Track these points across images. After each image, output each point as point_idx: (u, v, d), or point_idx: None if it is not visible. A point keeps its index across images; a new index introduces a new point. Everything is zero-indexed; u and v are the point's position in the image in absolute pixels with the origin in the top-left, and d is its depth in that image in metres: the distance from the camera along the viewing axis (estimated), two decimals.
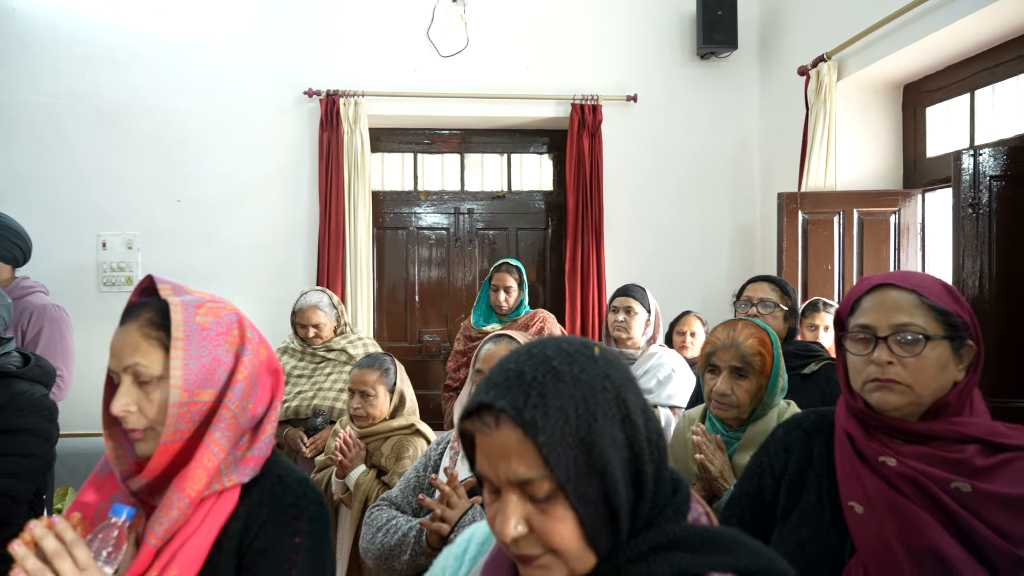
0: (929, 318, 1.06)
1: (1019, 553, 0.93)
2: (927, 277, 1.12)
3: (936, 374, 1.05)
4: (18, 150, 3.75)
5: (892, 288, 1.10)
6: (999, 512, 0.97)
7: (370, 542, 1.49)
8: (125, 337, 0.92)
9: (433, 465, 1.58)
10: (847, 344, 1.13)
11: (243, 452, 0.95)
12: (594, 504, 0.65)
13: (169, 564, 0.87)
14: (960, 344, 1.07)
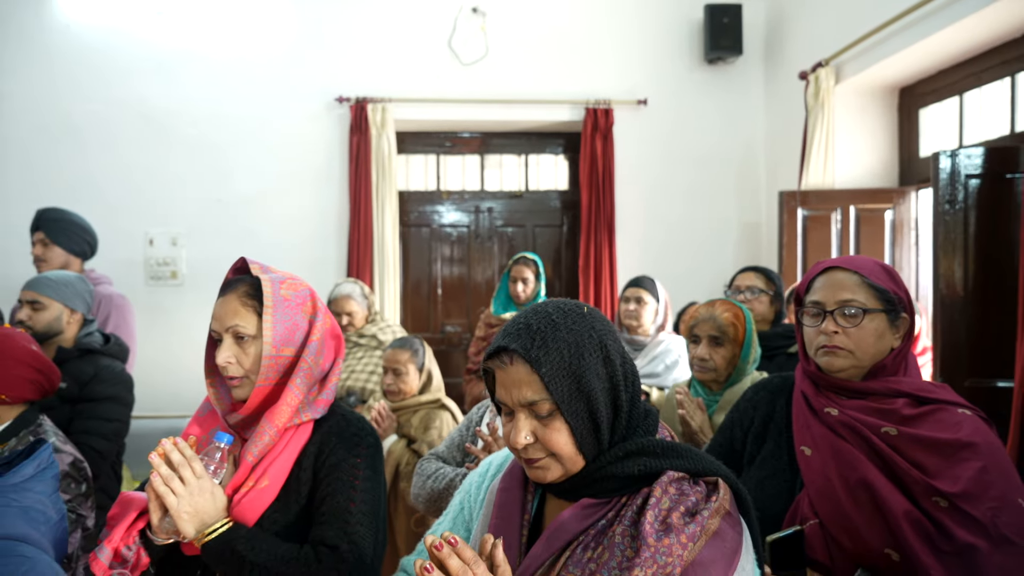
0: (868, 295, 1.29)
1: (930, 482, 1.16)
2: (869, 260, 1.35)
3: (874, 341, 1.29)
4: (76, 154, 4.07)
5: (839, 270, 1.33)
6: (917, 450, 1.20)
7: (420, 488, 1.76)
8: (227, 305, 1.19)
9: (475, 424, 1.84)
10: (803, 318, 1.37)
11: (315, 396, 1.21)
12: (582, 420, 0.90)
13: (262, 476, 1.14)
14: (896, 317, 1.31)
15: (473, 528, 1.05)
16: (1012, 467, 1.21)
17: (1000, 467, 1.18)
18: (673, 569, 0.82)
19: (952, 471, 1.16)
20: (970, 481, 1.14)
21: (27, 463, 1.16)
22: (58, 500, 1.18)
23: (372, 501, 1.16)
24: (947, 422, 1.22)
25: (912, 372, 1.34)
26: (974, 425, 1.22)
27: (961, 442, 1.19)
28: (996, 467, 1.17)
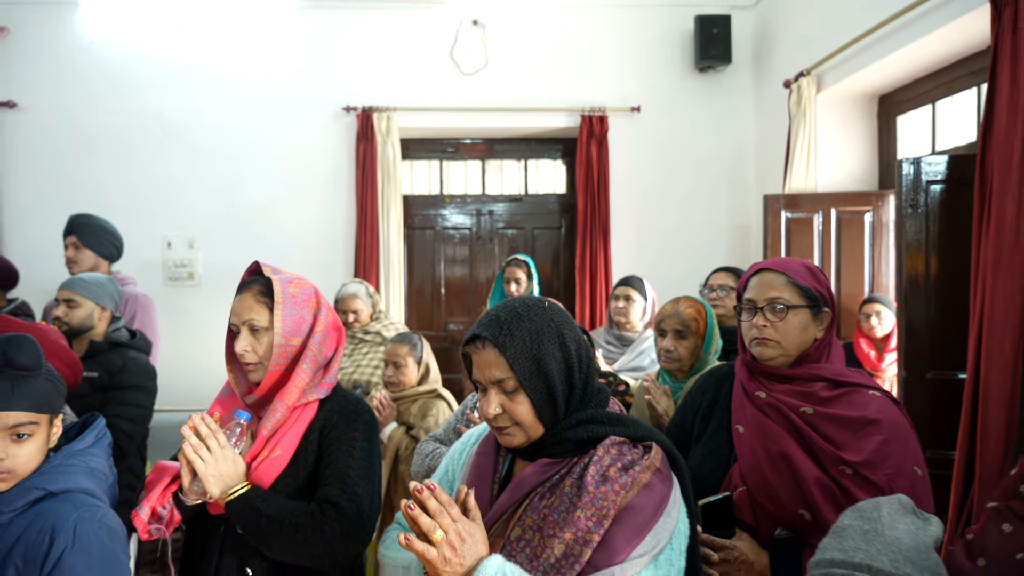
0: (793, 292, 1.49)
1: (838, 453, 1.36)
2: (796, 262, 1.55)
3: (798, 333, 1.48)
4: (98, 162, 4.32)
5: (769, 271, 1.53)
6: (830, 426, 1.40)
7: (419, 466, 1.98)
8: (243, 302, 1.41)
9: (469, 409, 2.06)
10: (740, 313, 1.57)
11: (320, 379, 1.43)
12: (541, 395, 1.10)
13: (275, 447, 1.36)
14: (818, 311, 1.50)
15: (455, 486, 1.26)
16: (913, 441, 1.41)
17: (901, 440, 1.37)
18: (608, 511, 1.02)
19: (858, 443, 1.36)
20: (872, 452, 1.34)
21: (88, 432, 1.38)
22: (112, 464, 1.40)
23: (368, 467, 1.37)
24: (857, 402, 1.42)
25: (835, 359, 1.53)
26: (880, 404, 1.42)
27: (867, 419, 1.39)
28: (897, 440, 1.37)
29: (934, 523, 1.03)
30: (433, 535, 0.97)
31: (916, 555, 0.93)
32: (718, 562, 1.36)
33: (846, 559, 0.95)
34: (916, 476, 1.35)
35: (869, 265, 3.77)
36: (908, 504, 1.04)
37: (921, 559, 0.93)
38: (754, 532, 1.40)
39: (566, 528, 1.02)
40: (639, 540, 1.00)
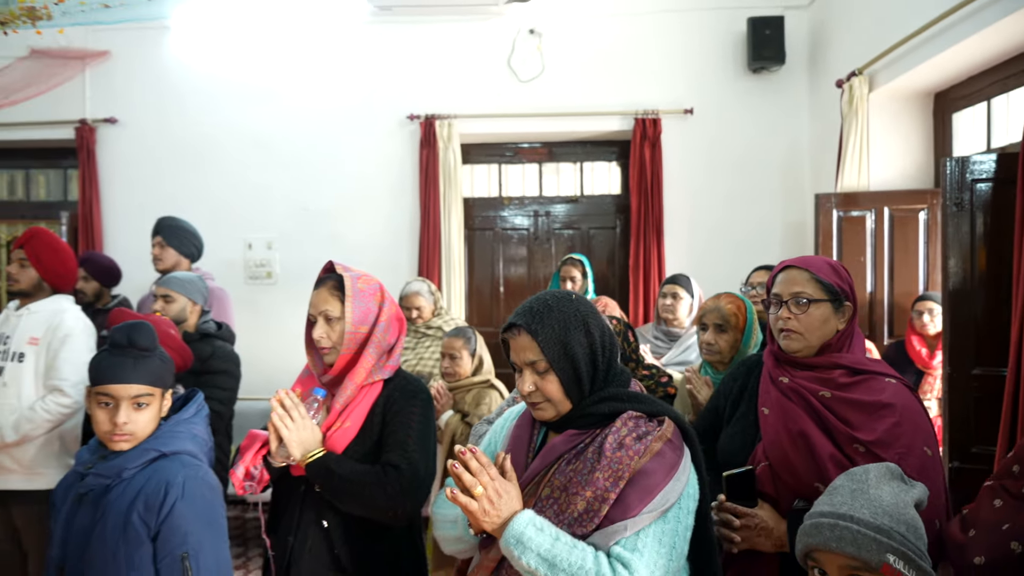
0: (816, 288, 1.62)
1: (853, 432, 1.48)
2: (819, 259, 1.67)
3: (820, 325, 1.61)
4: (188, 171, 4.72)
5: (794, 268, 1.66)
6: (846, 409, 1.52)
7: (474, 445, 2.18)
8: (319, 295, 1.64)
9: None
10: (769, 307, 1.70)
11: (384, 362, 1.65)
12: (568, 375, 1.28)
13: (346, 419, 1.58)
14: (839, 305, 1.62)
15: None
16: (925, 424, 1.52)
17: (912, 423, 1.49)
18: (623, 473, 1.19)
19: (871, 424, 1.48)
20: (884, 432, 1.46)
21: (190, 405, 1.65)
22: (209, 432, 1.65)
23: (424, 437, 1.58)
24: (873, 388, 1.54)
25: (856, 349, 1.65)
26: (895, 390, 1.53)
27: (882, 403, 1.51)
28: (908, 422, 1.48)
29: (918, 488, 1.15)
30: (474, 490, 1.16)
31: (895, 510, 1.06)
32: (740, 527, 1.50)
33: (832, 510, 1.09)
34: (926, 456, 1.46)
35: (924, 263, 3.76)
36: (896, 471, 1.17)
37: (899, 513, 1.06)
38: (775, 503, 1.54)
39: (587, 488, 1.20)
40: (650, 499, 1.17)
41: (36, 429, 2.40)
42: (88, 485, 1.54)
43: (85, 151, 4.70)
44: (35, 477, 2.43)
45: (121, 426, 1.53)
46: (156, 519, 1.49)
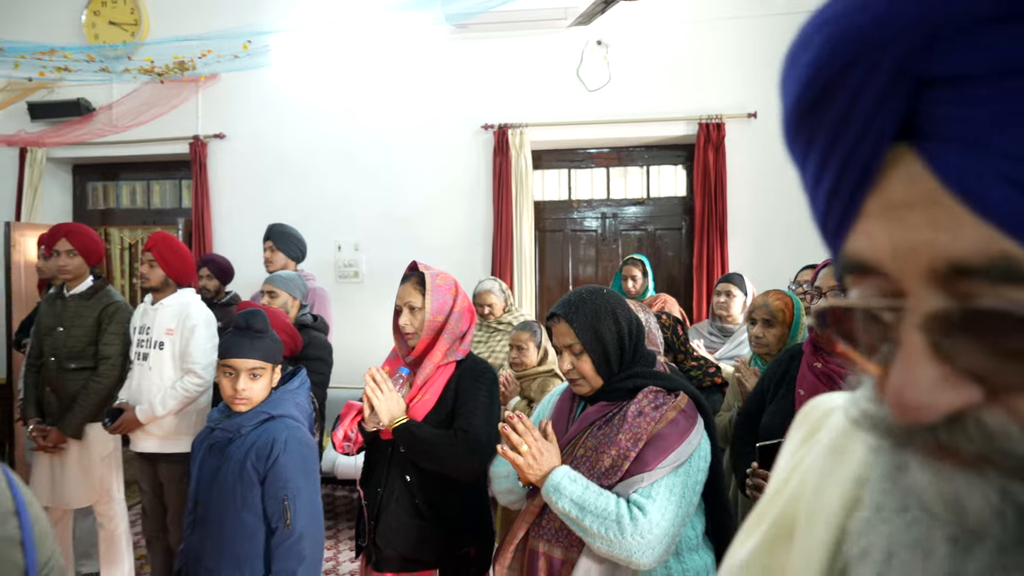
0: None
1: None
2: None
3: None
4: (285, 179, 5.22)
5: (832, 266, 1.87)
6: None
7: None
8: (405, 289, 1.96)
9: None
10: (812, 299, 1.92)
11: (456, 346, 1.95)
12: (599, 356, 1.54)
13: (426, 393, 1.90)
14: None
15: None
16: None
17: None
18: (642, 436, 1.45)
19: None
20: None
21: (295, 379, 2.01)
22: (309, 402, 2.01)
23: (488, 408, 1.88)
24: None
25: None
26: None
27: None
28: None
29: None
30: (520, 448, 1.45)
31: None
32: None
33: None
34: None
35: None
36: None
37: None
38: None
39: (612, 447, 1.46)
40: (663, 457, 1.42)
41: (176, 404, 2.86)
42: (215, 437, 1.91)
43: (198, 163, 5.26)
44: (175, 442, 2.90)
45: (240, 392, 1.90)
46: (264, 467, 1.84)
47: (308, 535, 1.79)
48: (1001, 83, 0.27)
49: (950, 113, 0.29)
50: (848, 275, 0.35)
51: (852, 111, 0.31)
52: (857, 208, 0.33)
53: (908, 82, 0.29)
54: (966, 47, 0.28)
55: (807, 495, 0.47)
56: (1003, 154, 0.27)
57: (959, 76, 0.28)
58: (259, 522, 1.81)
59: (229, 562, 1.76)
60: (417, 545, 1.85)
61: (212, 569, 1.77)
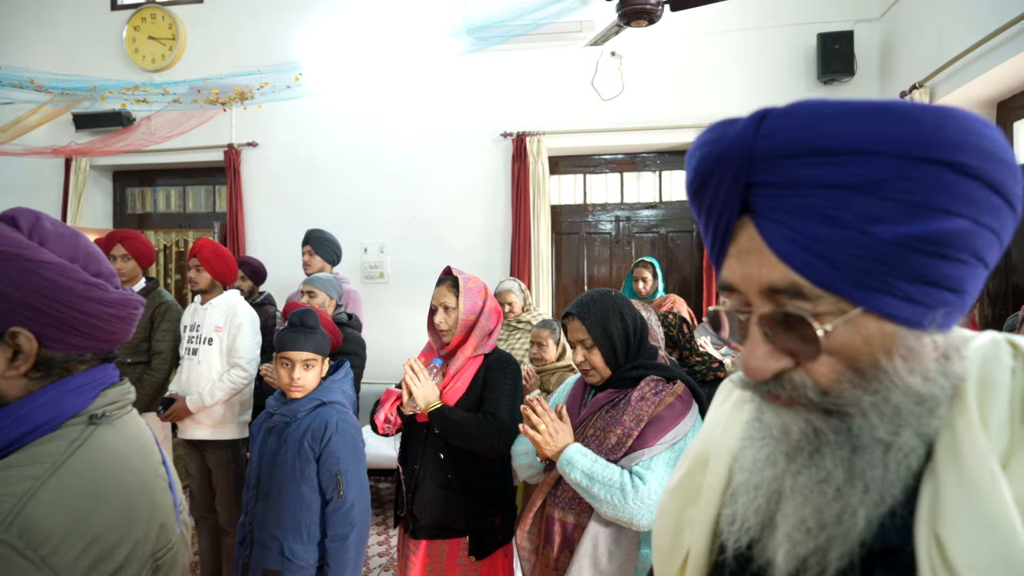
0: None
1: None
2: None
3: None
4: (315, 185, 5.50)
5: None
6: None
7: None
8: (441, 290, 2.21)
9: None
10: None
11: (485, 342, 2.20)
12: (607, 349, 1.78)
13: (457, 381, 2.15)
14: None
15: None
16: None
17: None
18: (643, 418, 1.69)
19: None
20: None
21: (340, 370, 2.27)
22: (353, 390, 2.27)
23: (512, 396, 2.12)
24: None
25: None
26: None
27: None
28: None
29: None
30: (538, 427, 1.70)
31: None
32: None
33: None
34: None
35: None
36: None
37: None
38: None
39: (618, 427, 1.70)
40: (662, 435, 1.66)
41: (223, 394, 3.13)
42: (274, 421, 2.18)
43: (232, 170, 5.56)
44: (222, 430, 3.18)
45: (295, 380, 2.16)
46: (319, 446, 2.10)
47: (358, 504, 2.04)
48: (787, 188, 0.52)
49: (765, 203, 0.53)
50: (721, 292, 0.59)
51: (715, 198, 0.56)
52: (724, 252, 0.58)
53: (742, 184, 0.54)
54: (766, 170, 0.52)
55: (717, 436, 0.72)
56: (791, 227, 0.52)
57: (766, 183, 0.53)
58: (315, 494, 2.07)
59: (291, 529, 2.03)
60: (449, 514, 2.11)
61: (275, 535, 2.03)
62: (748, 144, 0.53)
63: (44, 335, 0.87)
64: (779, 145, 0.52)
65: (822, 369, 0.54)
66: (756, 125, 0.53)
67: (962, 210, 0.50)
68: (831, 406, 0.55)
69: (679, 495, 0.74)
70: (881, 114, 0.51)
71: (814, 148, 0.51)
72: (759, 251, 0.54)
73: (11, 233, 0.86)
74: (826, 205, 0.51)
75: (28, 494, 0.76)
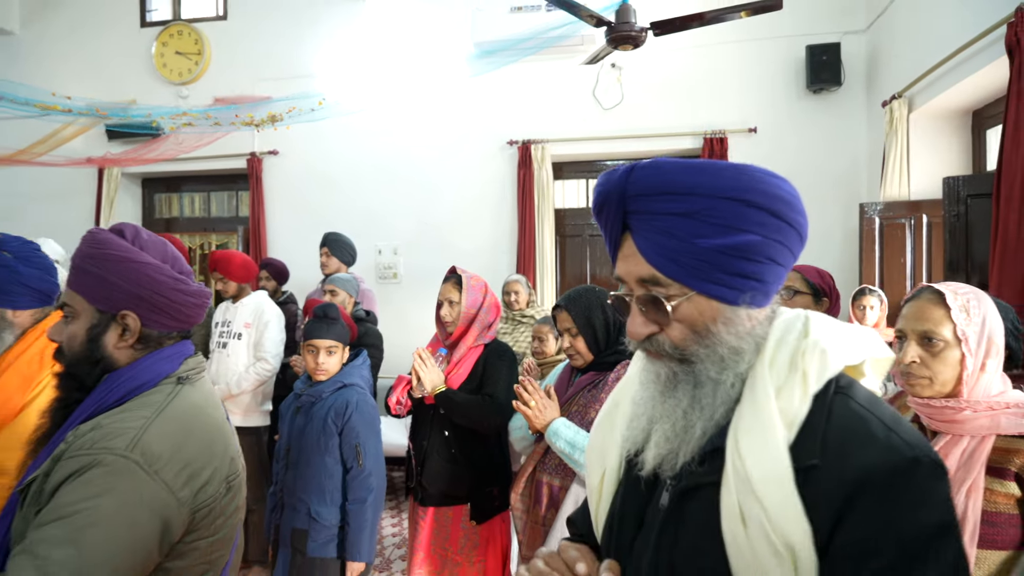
0: (802, 284, 2.33)
1: None
2: (811, 268, 2.37)
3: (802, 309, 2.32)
4: (332, 191, 5.83)
5: (792, 271, 2.37)
6: None
7: None
8: (446, 287, 2.50)
9: None
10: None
11: (485, 333, 2.50)
12: (590, 337, 2.08)
13: (460, 367, 2.45)
14: (818, 299, 2.32)
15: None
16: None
17: None
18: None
19: None
20: None
21: (359, 357, 2.58)
22: (371, 375, 2.58)
23: (508, 380, 2.41)
24: None
25: None
26: None
27: None
28: None
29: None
30: (529, 403, 2.00)
31: None
32: None
33: None
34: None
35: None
36: None
37: None
38: None
39: (597, 404, 2.00)
40: None
41: (249, 385, 3.46)
42: (302, 401, 2.49)
43: (254, 177, 5.90)
44: (248, 417, 3.51)
45: (320, 365, 2.47)
46: (341, 422, 2.41)
47: (374, 472, 2.35)
48: (647, 215, 0.82)
49: (636, 223, 0.83)
50: (618, 282, 0.89)
51: (607, 220, 0.86)
52: (616, 256, 0.87)
53: (622, 211, 0.84)
54: (634, 203, 0.82)
55: (624, 386, 1.01)
56: (651, 240, 0.82)
57: (635, 211, 0.82)
58: (337, 464, 2.38)
59: (316, 493, 2.34)
60: (453, 484, 2.41)
61: (303, 499, 2.35)
62: (623, 186, 0.83)
63: (145, 317, 1.18)
64: (640, 188, 0.81)
65: (674, 332, 0.84)
66: (627, 174, 0.83)
67: (754, 229, 0.80)
68: (681, 356, 0.84)
69: (600, 430, 1.04)
70: (700, 169, 0.80)
71: (661, 190, 0.80)
72: (634, 255, 0.84)
73: (120, 241, 1.18)
74: (669, 226, 0.80)
75: (143, 428, 1.07)
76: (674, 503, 0.85)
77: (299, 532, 2.33)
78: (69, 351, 1.17)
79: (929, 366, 1.42)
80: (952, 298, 1.42)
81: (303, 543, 2.33)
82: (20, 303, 1.66)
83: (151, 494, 1.02)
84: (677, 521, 0.84)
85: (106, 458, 1.01)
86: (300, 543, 2.34)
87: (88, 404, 1.13)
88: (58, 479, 1.01)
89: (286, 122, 4.28)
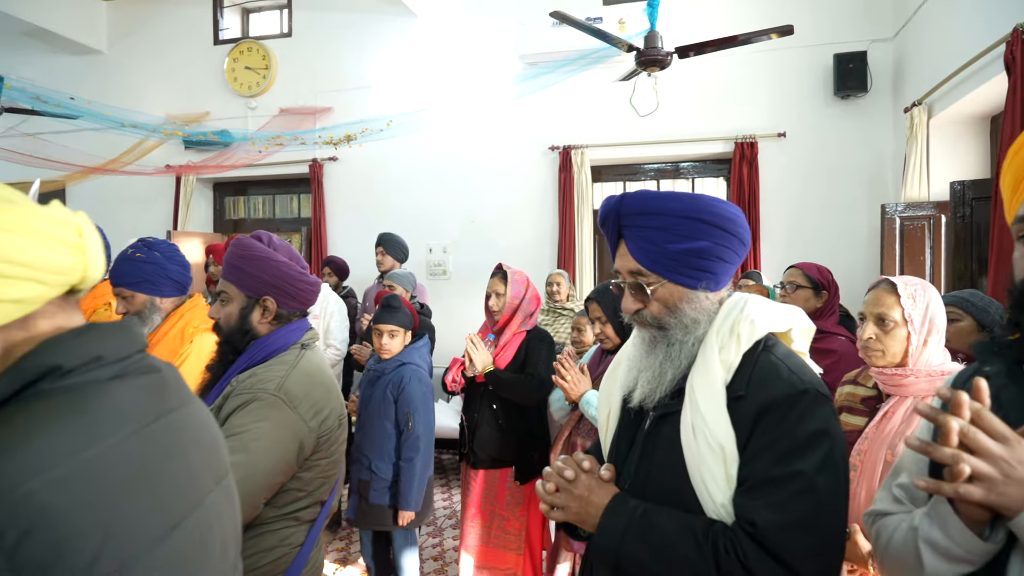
0: (804, 279, 2.67)
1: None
2: (811, 265, 2.71)
3: (803, 303, 2.65)
4: (387, 194, 6.31)
5: (792, 268, 2.71)
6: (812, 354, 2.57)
7: None
8: (493, 281, 2.92)
9: None
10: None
11: (527, 320, 2.90)
12: (616, 324, 2.46)
13: (506, 350, 2.86)
14: (818, 292, 2.66)
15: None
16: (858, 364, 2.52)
17: (847, 361, 2.48)
18: None
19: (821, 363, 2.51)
20: (827, 365, 2.49)
21: (419, 340, 3.01)
22: (429, 356, 3.00)
23: (547, 361, 2.81)
24: (830, 341, 2.57)
25: (828, 321, 2.67)
26: (840, 342, 2.55)
27: (831, 349, 2.54)
28: (844, 361, 2.49)
29: None
30: (566, 377, 2.40)
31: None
32: None
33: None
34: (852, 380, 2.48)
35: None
36: None
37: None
38: None
39: None
40: None
41: None
42: (370, 375, 2.94)
43: (316, 181, 6.42)
44: None
45: (384, 345, 2.91)
46: (396, 392, 2.85)
47: (423, 436, 2.79)
48: (634, 228, 1.21)
49: (627, 233, 1.22)
50: (616, 273, 1.28)
51: (609, 230, 1.26)
52: (615, 255, 1.27)
53: (618, 225, 1.23)
54: (625, 220, 1.22)
55: (626, 347, 1.40)
56: (637, 245, 1.21)
57: (627, 225, 1.22)
58: (393, 428, 2.82)
59: (376, 451, 2.79)
60: (500, 450, 2.82)
61: (367, 455, 2.80)
62: (617, 208, 1.22)
63: (279, 300, 1.62)
64: (629, 209, 1.21)
65: (653, 308, 1.23)
66: (620, 200, 1.22)
67: (707, 238, 1.18)
68: (659, 325, 1.23)
69: (608, 380, 1.43)
70: (669, 197, 1.19)
71: (643, 211, 1.19)
72: (626, 255, 1.23)
73: (260, 245, 1.62)
74: (649, 236, 1.19)
75: (284, 376, 1.50)
76: (653, 426, 1.24)
77: (363, 482, 2.79)
78: (226, 325, 1.61)
79: (882, 341, 1.77)
80: (902, 287, 1.77)
81: (367, 491, 2.78)
82: (165, 292, 2.13)
83: (291, 421, 1.46)
84: (655, 437, 1.23)
85: (262, 395, 1.45)
86: (364, 491, 2.79)
87: (241, 362, 1.57)
88: (229, 409, 1.44)
89: (360, 140, 4.77)
